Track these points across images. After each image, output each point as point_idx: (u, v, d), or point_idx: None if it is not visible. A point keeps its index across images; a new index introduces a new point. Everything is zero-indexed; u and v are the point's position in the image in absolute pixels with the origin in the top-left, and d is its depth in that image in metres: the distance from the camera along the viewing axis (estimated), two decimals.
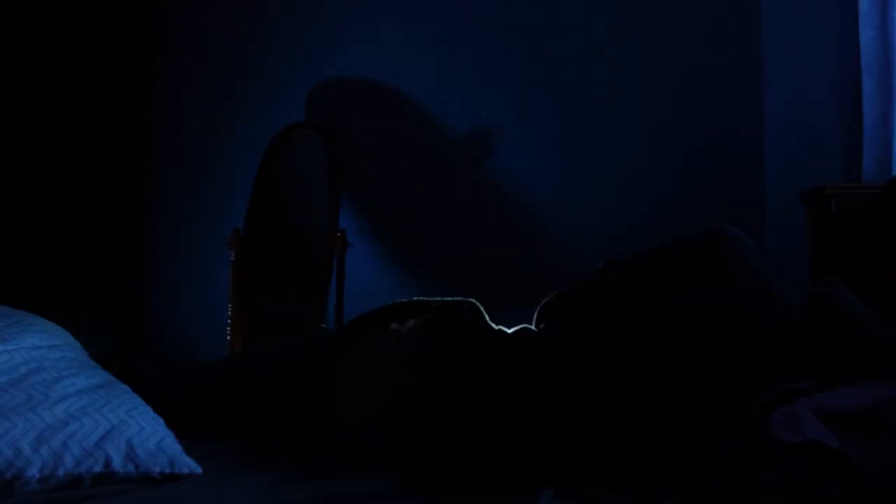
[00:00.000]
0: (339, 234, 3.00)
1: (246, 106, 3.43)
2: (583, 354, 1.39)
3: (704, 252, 1.43)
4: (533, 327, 1.64)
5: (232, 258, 3.18)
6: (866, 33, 2.36)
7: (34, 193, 3.67)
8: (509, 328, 1.62)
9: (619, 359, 1.35)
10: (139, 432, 1.26)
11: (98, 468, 1.18)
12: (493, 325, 1.63)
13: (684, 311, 1.35)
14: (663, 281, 1.43)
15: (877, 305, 1.42)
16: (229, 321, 3.11)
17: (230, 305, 3.13)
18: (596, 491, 1.17)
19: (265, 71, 3.41)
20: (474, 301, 1.67)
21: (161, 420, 1.34)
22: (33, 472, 1.12)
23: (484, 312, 1.65)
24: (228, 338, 3.10)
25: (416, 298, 1.74)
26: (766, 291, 1.41)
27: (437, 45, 3.16)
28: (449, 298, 1.69)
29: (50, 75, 3.70)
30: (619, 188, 2.80)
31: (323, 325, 2.12)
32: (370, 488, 1.20)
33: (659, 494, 1.11)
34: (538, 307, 1.66)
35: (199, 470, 1.27)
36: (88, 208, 3.63)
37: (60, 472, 1.14)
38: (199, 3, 3.56)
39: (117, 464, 1.19)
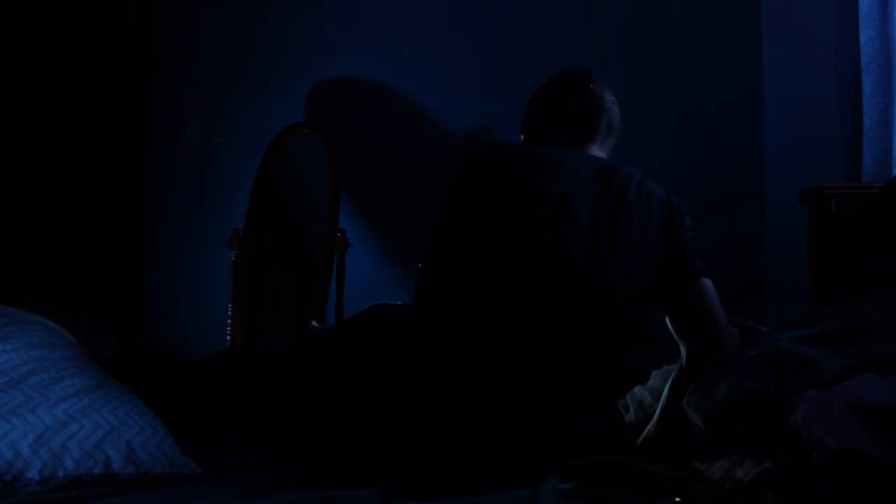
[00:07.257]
0: (339, 234, 3.00)
1: (246, 106, 3.43)
2: None
3: None
4: None
5: (232, 258, 3.18)
6: (866, 33, 2.36)
7: (35, 194, 3.67)
8: None
9: None
10: (139, 433, 1.25)
11: (98, 469, 1.17)
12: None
13: None
14: None
15: None
16: (229, 321, 3.11)
17: (230, 305, 3.13)
18: (596, 490, 1.16)
19: (265, 71, 3.41)
20: None
21: (160, 420, 1.34)
22: (33, 473, 1.12)
23: None
24: (228, 338, 3.10)
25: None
26: None
27: (437, 45, 3.15)
28: None
29: (51, 76, 3.70)
30: None
31: (314, 323, 2.10)
32: (366, 491, 1.19)
33: (659, 493, 1.11)
34: None
35: (198, 470, 1.27)
36: (88, 208, 3.63)
37: (60, 473, 1.14)
38: (200, 3, 3.56)
39: (117, 465, 1.19)
